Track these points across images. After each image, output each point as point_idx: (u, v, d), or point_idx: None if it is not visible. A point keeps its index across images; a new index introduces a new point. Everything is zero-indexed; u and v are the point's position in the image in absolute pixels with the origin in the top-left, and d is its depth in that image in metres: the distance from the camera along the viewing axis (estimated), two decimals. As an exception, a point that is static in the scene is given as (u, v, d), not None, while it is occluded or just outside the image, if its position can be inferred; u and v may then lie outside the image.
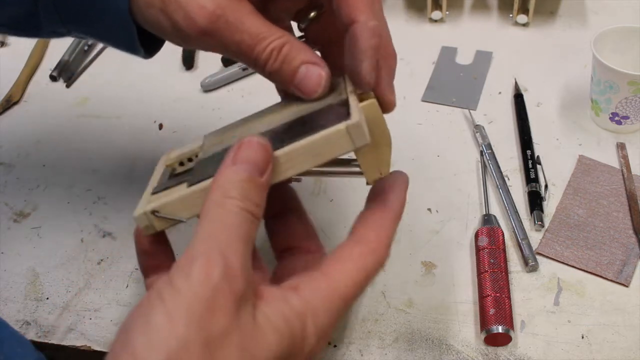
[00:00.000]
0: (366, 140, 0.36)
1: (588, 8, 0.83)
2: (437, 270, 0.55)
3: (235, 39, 0.40)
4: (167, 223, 0.39)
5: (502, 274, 0.52)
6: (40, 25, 0.47)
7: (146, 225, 0.39)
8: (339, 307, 0.36)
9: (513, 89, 0.72)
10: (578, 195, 0.60)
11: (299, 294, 0.35)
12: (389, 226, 0.39)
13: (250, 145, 0.35)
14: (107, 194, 0.64)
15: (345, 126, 0.36)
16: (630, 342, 0.49)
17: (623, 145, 0.64)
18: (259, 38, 0.40)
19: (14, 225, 0.62)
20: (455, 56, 0.77)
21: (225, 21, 0.40)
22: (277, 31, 0.41)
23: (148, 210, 0.39)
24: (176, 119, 0.72)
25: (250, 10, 0.41)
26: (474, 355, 0.49)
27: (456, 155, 0.65)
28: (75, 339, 0.52)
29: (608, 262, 0.54)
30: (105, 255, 0.58)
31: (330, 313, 0.35)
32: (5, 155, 0.70)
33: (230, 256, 0.32)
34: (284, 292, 0.35)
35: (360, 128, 0.36)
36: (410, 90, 0.73)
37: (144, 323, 0.30)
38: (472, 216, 0.59)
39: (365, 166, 0.40)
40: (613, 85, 0.62)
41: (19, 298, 0.56)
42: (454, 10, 0.84)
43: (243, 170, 0.34)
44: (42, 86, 0.79)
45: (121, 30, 0.45)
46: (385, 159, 0.41)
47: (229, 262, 0.31)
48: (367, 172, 0.40)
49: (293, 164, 0.37)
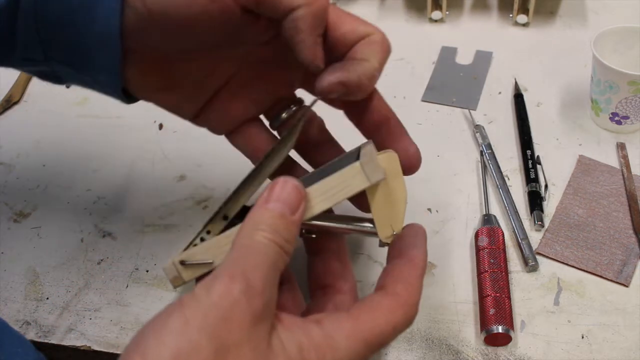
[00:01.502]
0: (381, 175, 0.38)
1: (588, 8, 0.83)
2: (437, 270, 0.55)
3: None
4: (195, 272, 0.39)
5: (502, 274, 0.52)
6: (15, 44, 0.42)
7: (174, 277, 0.40)
8: (360, 351, 0.35)
9: (513, 89, 0.72)
10: (578, 195, 0.60)
11: (321, 327, 0.34)
12: (417, 282, 0.38)
13: (284, 184, 0.36)
14: (107, 194, 0.64)
15: (359, 163, 0.37)
16: (630, 342, 0.49)
17: (623, 145, 0.64)
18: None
19: (14, 225, 0.62)
20: (455, 56, 0.78)
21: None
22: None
23: (176, 260, 0.39)
24: (176, 119, 0.71)
25: None
26: (474, 355, 0.49)
27: (456, 155, 0.65)
28: (75, 339, 0.52)
29: (608, 262, 0.54)
30: (105, 255, 0.58)
31: (351, 353, 0.34)
32: (5, 155, 0.70)
33: (252, 277, 0.32)
34: (306, 322, 0.35)
35: (373, 163, 0.37)
36: (410, 90, 0.73)
37: (159, 326, 0.30)
38: (472, 216, 0.59)
39: (379, 221, 0.41)
40: (613, 85, 0.62)
41: (19, 298, 0.56)
42: (454, 10, 0.84)
43: (275, 207, 0.35)
44: (42, 86, 0.78)
45: (108, 79, 0.43)
46: (400, 216, 0.42)
47: (250, 282, 0.32)
48: (380, 228, 0.41)
49: (313, 203, 0.38)
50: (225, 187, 0.63)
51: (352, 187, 0.38)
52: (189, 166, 0.66)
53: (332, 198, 0.38)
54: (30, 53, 0.42)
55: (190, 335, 0.29)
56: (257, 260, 0.33)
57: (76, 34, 0.41)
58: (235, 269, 0.32)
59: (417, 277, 0.39)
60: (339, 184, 0.38)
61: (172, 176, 0.65)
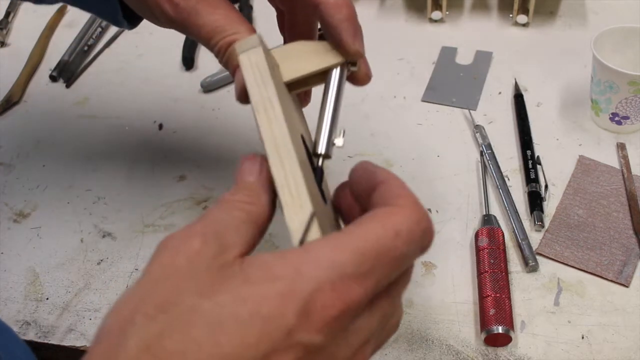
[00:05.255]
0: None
1: (588, 8, 0.83)
2: (437, 270, 0.55)
3: (196, 31, 0.44)
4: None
5: (502, 274, 0.52)
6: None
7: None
8: (345, 261, 0.27)
9: (513, 89, 0.72)
10: (578, 195, 0.60)
11: (290, 253, 0.29)
12: (404, 186, 0.32)
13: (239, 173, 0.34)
14: (107, 194, 0.64)
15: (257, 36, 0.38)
16: (630, 342, 0.49)
17: (623, 145, 0.64)
18: (213, 33, 0.43)
19: (14, 225, 0.62)
20: (455, 56, 0.77)
21: (188, 13, 0.44)
22: (233, 26, 0.43)
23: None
24: (176, 119, 0.72)
25: (215, 2, 0.44)
26: (474, 355, 0.49)
27: (456, 155, 0.65)
28: (75, 339, 0.52)
29: (608, 263, 0.54)
30: (105, 256, 0.58)
31: (335, 265, 0.27)
32: (5, 155, 0.70)
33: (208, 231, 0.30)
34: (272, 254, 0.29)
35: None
36: (410, 90, 0.73)
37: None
38: (472, 216, 0.59)
39: None
40: (613, 85, 0.62)
41: (19, 298, 0.56)
42: (454, 10, 0.84)
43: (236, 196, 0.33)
44: (42, 86, 0.79)
45: (105, 4, 0.49)
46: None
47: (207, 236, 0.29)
48: None
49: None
50: (225, 187, 0.63)
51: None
52: (189, 166, 0.66)
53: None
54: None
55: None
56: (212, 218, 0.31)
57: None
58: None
59: (399, 181, 0.32)
60: None
61: (172, 176, 0.65)
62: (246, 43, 0.37)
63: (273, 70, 0.37)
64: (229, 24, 0.44)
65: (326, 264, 0.27)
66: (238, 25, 0.44)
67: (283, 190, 0.32)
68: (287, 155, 0.33)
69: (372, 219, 0.30)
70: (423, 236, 0.30)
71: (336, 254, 0.28)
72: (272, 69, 0.37)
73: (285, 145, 0.33)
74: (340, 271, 0.27)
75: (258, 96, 0.35)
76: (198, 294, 0.27)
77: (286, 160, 0.33)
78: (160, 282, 0.28)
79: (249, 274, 0.27)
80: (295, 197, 0.32)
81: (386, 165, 0.64)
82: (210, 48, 0.45)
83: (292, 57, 0.41)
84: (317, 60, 0.41)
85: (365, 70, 0.44)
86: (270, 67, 0.36)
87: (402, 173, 0.63)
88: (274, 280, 0.27)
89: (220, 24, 0.44)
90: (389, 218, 0.29)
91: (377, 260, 0.28)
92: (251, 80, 0.35)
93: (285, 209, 0.32)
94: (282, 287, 0.27)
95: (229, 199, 0.32)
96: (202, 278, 0.27)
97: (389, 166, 0.64)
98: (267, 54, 0.38)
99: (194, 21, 0.44)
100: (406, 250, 0.29)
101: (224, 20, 0.44)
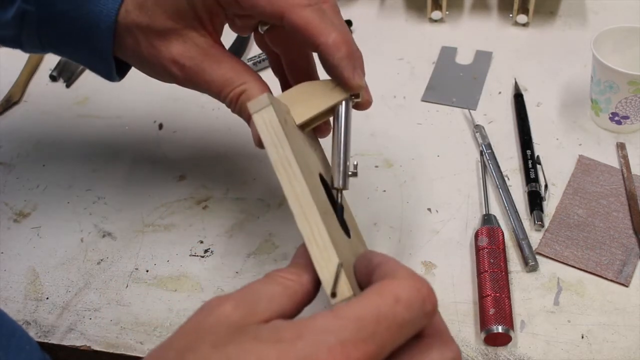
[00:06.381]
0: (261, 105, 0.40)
1: (588, 8, 0.83)
2: (437, 270, 0.55)
3: (205, 87, 0.47)
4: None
5: (502, 274, 0.52)
6: (22, 46, 0.53)
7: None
8: (344, 328, 0.29)
9: (513, 89, 0.72)
10: (578, 195, 0.60)
11: (300, 320, 0.30)
12: (400, 263, 0.34)
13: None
14: (107, 194, 0.64)
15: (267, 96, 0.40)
16: (630, 342, 0.49)
17: (623, 145, 0.64)
18: (222, 86, 0.47)
19: (14, 225, 0.62)
20: (455, 56, 0.78)
21: (195, 72, 0.47)
22: (240, 78, 0.46)
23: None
24: (176, 119, 0.72)
25: (219, 57, 0.47)
26: (474, 355, 0.49)
27: (456, 155, 0.65)
28: (75, 339, 0.52)
29: (608, 262, 0.54)
30: (105, 255, 0.58)
31: (337, 329, 0.29)
32: (5, 155, 0.70)
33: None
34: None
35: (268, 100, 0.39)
36: (410, 90, 0.73)
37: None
38: (472, 216, 0.59)
39: None
40: (613, 85, 0.62)
41: (19, 298, 0.56)
42: (454, 10, 0.84)
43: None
44: (42, 86, 0.79)
45: (100, 63, 0.52)
46: None
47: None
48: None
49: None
50: (225, 187, 0.63)
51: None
52: (189, 166, 0.66)
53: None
54: (35, 51, 0.54)
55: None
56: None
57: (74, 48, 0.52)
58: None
59: (402, 264, 0.33)
60: None
61: (172, 176, 0.65)
62: (258, 103, 0.39)
63: (286, 122, 0.40)
64: (236, 76, 0.47)
65: (326, 329, 0.29)
66: (245, 75, 0.47)
67: (311, 245, 0.35)
68: (310, 211, 0.36)
69: (371, 290, 0.31)
70: (424, 302, 0.31)
71: (336, 320, 0.29)
72: (284, 123, 0.39)
73: (307, 200, 0.36)
74: (339, 336, 0.29)
75: (276, 155, 0.37)
76: (212, 346, 0.30)
77: (309, 214, 0.36)
78: (187, 334, 0.32)
79: (260, 334, 0.30)
80: (323, 250, 0.35)
81: (386, 165, 0.64)
82: (221, 100, 0.48)
83: (301, 99, 0.44)
84: (324, 99, 0.44)
85: (367, 97, 0.47)
86: (282, 122, 0.38)
87: (402, 173, 0.63)
88: (278, 341, 0.29)
89: (228, 77, 0.46)
90: (388, 287, 0.31)
91: (378, 326, 0.29)
92: (268, 141, 0.38)
93: (315, 262, 0.35)
94: (282, 347, 0.29)
95: (273, 274, 0.35)
96: (221, 334, 0.31)
97: (389, 166, 0.64)
98: (278, 106, 0.40)
99: (202, 78, 0.47)
100: (408, 316, 0.30)
101: (231, 72, 0.47)
